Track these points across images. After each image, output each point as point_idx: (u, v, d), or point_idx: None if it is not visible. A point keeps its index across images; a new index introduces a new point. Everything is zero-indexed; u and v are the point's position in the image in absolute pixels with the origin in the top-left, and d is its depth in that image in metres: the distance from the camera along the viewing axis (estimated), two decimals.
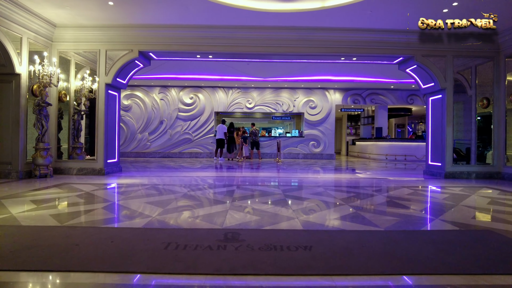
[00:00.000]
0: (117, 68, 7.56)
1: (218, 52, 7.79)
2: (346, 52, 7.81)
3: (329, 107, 15.25)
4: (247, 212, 3.80)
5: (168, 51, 7.69)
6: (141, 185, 5.85)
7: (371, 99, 15.57)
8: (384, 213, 3.89)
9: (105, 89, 7.59)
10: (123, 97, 15.01)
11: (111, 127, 7.90)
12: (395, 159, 14.49)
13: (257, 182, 6.60)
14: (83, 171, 7.56)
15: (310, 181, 6.92)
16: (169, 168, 9.52)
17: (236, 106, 15.22)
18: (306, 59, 8.45)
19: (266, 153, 15.19)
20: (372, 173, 8.63)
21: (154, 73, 13.27)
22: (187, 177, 7.31)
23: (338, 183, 6.73)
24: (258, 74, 13.30)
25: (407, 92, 15.64)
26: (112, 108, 7.95)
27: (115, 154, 8.18)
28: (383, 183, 6.67)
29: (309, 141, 15.24)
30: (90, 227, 3.07)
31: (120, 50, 7.59)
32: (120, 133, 14.93)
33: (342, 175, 8.27)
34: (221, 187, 5.84)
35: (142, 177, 7.22)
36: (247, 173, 8.24)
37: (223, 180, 6.89)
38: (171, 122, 15.08)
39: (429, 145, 8.42)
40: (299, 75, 13.61)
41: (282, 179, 7.09)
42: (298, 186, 6.13)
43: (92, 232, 2.90)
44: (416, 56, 7.73)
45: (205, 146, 15.10)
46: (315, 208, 4.11)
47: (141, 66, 8.23)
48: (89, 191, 5.11)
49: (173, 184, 6.07)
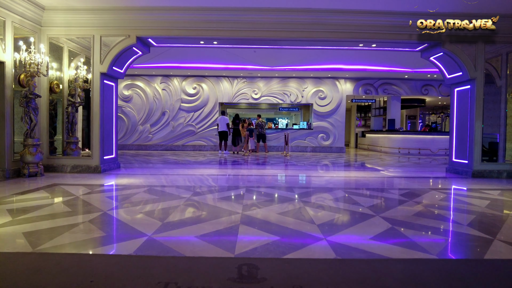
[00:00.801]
0: (113, 55, 6.87)
1: (224, 38, 7.06)
2: (365, 37, 7.06)
3: (340, 97, 14.49)
4: (262, 227, 3.17)
5: (169, 36, 6.97)
6: (139, 187, 5.23)
7: (384, 89, 14.78)
8: (426, 229, 3.25)
9: (100, 79, 6.92)
10: (123, 87, 14.33)
11: (108, 120, 7.26)
12: (409, 153, 13.79)
13: (266, 182, 5.97)
14: (77, 169, 6.96)
15: (326, 181, 6.27)
16: (171, 163, 8.90)
17: (241, 97, 14.51)
18: (320, 45, 7.70)
19: (272, 146, 14.53)
20: (390, 170, 7.96)
21: (155, 62, 12.55)
22: (190, 175, 6.68)
23: (357, 183, 6.07)
24: (265, 62, 12.55)
25: (422, 82, 14.82)
26: (109, 99, 7.29)
27: (113, 150, 7.55)
28: (407, 184, 6.01)
29: (318, 133, 14.55)
30: (68, 255, 2.45)
31: (116, 35, 6.89)
32: (121, 125, 14.36)
33: (359, 173, 7.61)
34: (228, 189, 5.21)
35: (141, 175, 6.61)
36: (255, 171, 7.60)
37: (229, 180, 6.26)
38: (173, 114, 14.42)
39: (453, 140, 7.71)
40: (308, 63, 12.85)
41: (294, 179, 6.45)
42: (315, 188, 5.49)
43: (68, 264, 2.27)
44: (443, 42, 6.96)
45: (209, 139, 14.46)
46: (342, 221, 3.47)
47: (139, 54, 7.53)
48: (80, 196, 4.50)
49: (175, 186, 5.44)
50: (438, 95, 15.00)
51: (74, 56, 7.80)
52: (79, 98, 7.72)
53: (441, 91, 14.91)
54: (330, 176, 6.89)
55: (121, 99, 14.36)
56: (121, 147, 14.38)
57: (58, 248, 2.56)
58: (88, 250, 2.58)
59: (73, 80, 7.59)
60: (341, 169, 8.32)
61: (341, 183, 6.05)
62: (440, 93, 14.94)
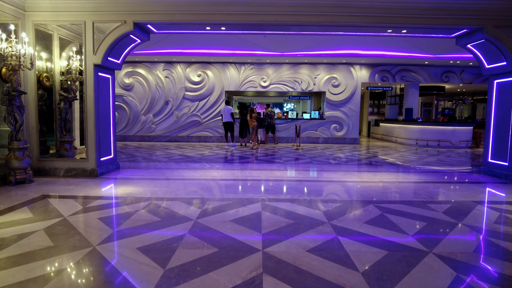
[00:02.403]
0: (107, 44, 6.04)
1: (233, 23, 6.18)
2: (395, 22, 6.13)
3: (354, 85, 13.55)
4: (295, 282, 2.46)
5: (171, 22, 6.11)
6: (138, 201, 4.52)
7: (401, 76, 13.78)
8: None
9: (94, 72, 6.12)
10: (123, 75, 13.50)
11: (104, 117, 6.51)
12: (427, 145, 12.94)
13: (283, 191, 5.23)
14: (71, 173, 6.27)
15: (351, 190, 5.53)
16: (175, 161, 8.18)
17: (249, 85, 13.62)
18: (343, 31, 6.78)
19: (282, 137, 13.75)
20: (416, 169, 7.19)
21: (157, 48, 11.67)
22: (196, 181, 5.97)
23: (387, 192, 5.32)
24: (274, 47, 11.61)
25: (442, 69, 13.79)
26: (104, 94, 6.51)
27: (111, 150, 6.83)
28: (444, 193, 5.24)
29: (330, 123, 13.69)
30: None
31: (110, 21, 6.04)
32: (122, 115, 13.61)
33: (383, 176, 6.85)
34: (240, 204, 4.48)
35: (141, 180, 5.90)
36: (267, 172, 6.86)
37: (239, 188, 5.53)
38: (177, 103, 13.61)
39: (490, 138, 6.88)
40: (321, 48, 11.88)
41: (315, 187, 5.71)
42: (342, 203, 4.75)
43: None
44: (486, 27, 6.02)
45: (215, 129, 13.69)
46: (391, 267, 2.74)
47: (138, 42, 6.69)
48: (68, 217, 3.81)
49: (179, 198, 4.73)
50: (459, 82, 13.98)
51: (66, 44, 6.99)
52: (73, 92, 6.97)
53: (463, 78, 13.88)
54: (354, 182, 6.14)
55: (122, 87, 13.56)
56: (123, 138, 13.70)
57: None
58: None
59: (66, 71, 6.82)
60: (362, 169, 7.55)
61: (369, 192, 5.29)
62: (461, 80, 13.92)
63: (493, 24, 6.01)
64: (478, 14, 6.01)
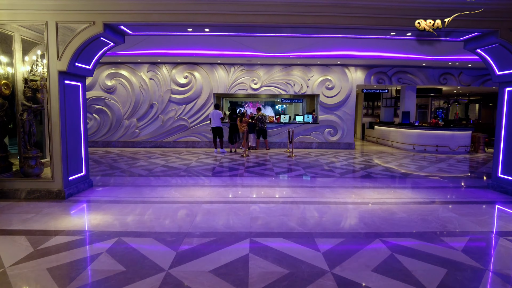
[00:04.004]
0: (74, 48, 5.27)
1: (218, 24, 5.46)
2: (399, 24, 5.48)
3: (349, 87, 12.93)
4: None
5: (147, 23, 5.36)
6: (103, 237, 3.81)
7: (398, 78, 13.22)
8: None
9: (59, 80, 5.35)
10: (105, 77, 12.65)
11: (73, 130, 5.74)
12: (425, 150, 12.43)
13: (275, 219, 4.57)
14: (35, 195, 5.50)
15: (352, 215, 4.89)
16: (156, 175, 7.45)
17: (239, 87, 12.89)
18: (342, 34, 6.12)
19: (274, 142, 13.08)
20: (419, 183, 6.60)
21: (141, 48, 10.88)
22: (176, 204, 5.26)
23: (393, 219, 4.69)
24: (265, 48, 10.92)
25: (440, 71, 13.27)
26: (73, 104, 5.74)
27: (82, 167, 6.07)
28: (458, 220, 4.64)
29: (324, 128, 13.07)
30: None
31: (77, 22, 5.26)
32: (105, 119, 12.78)
33: (385, 194, 6.24)
34: (224, 243, 3.80)
35: (113, 205, 5.16)
36: (257, 190, 6.19)
37: (224, 219, 4.85)
38: (163, 106, 12.82)
39: (500, 151, 6.31)
40: (315, 49, 11.24)
41: (310, 210, 5.06)
42: (343, 236, 4.10)
43: None
44: (500, 30, 5.42)
45: (203, 134, 12.95)
46: None
47: (111, 45, 5.92)
48: (8, 268, 3.07)
49: (152, 234, 4.03)
50: (457, 84, 13.48)
51: (31, 47, 6.18)
52: (39, 101, 6.17)
53: (461, 80, 13.38)
54: (354, 203, 5.50)
55: (103, 90, 12.72)
56: (106, 144, 12.88)
57: None
58: None
59: (29, 78, 6.02)
60: (362, 185, 6.92)
61: (373, 219, 4.66)
62: (460, 83, 13.42)
63: (508, 27, 5.42)
64: (492, 16, 5.41)
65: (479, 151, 12.76)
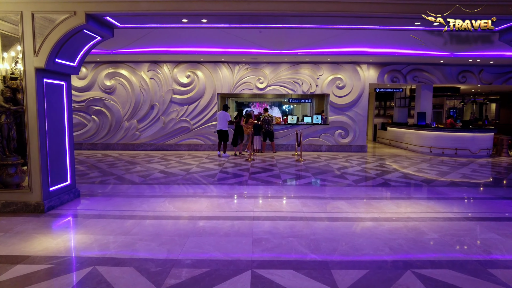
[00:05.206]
0: (53, 42, 4.63)
1: (216, 13, 4.77)
2: (428, 11, 4.73)
3: (361, 86, 12.14)
4: None
5: (135, 12, 4.69)
6: (74, 269, 3.15)
7: (413, 76, 12.38)
8: None
9: (37, 78, 4.72)
10: (104, 76, 12.08)
11: (55, 134, 5.11)
12: (443, 153, 11.58)
13: (283, 243, 3.86)
14: (10, 208, 4.88)
15: (374, 235, 4.16)
16: (151, 183, 6.80)
17: (244, 86, 12.20)
18: (357, 25, 5.38)
19: (281, 145, 12.35)
20: (444, 193, 5.83)
21: (140, 46, 10.26)
22: (167, 220, 4.58)
23: (422, 241, 3.95)
24: (272, 45, 10.20)
25: (459, 68, 12.38)
26: (55, 105, 5.11)
27: (67, 175, 5.44)
28: (503, 242, 3.87)
29: (335, 129, 12.29)
30: None
31: (56, 12, 4.62)
32: (104, 121, 12.20)
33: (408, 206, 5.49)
34: (220, 277, 3.11)
35: (97, 220, 4.50)
36: (262, 202, 5.49)
37: (222, 242, 4.15)
38: (164, 107, 12.20)
39: None
40: (325, 46, 10.47)
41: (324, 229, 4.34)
42: (366, 267, 3.38)
43: None
44: None
45: (206, 136, 12.29)
46: None
47: (98, 39, 5.27)
48: None
49: (134, 260, 3.36)
50: (477, 82, 12.58)
51: (11, 42, 5.55)
52: (19, 103, 5.56)
53: (481, 78, 12.48)
54: (374, 219, 4.76)
55: (102, 90, 12.15)
56: (105, 147, 12.30)
57: None
58: None
59: (8, 77, 5.40)
60: (380, 195, 6.18)
61: (399, 241, 3.93)
62: (480, 81, 12.51)
63: None
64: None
65: (502, 154, 11.87)
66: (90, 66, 12.11)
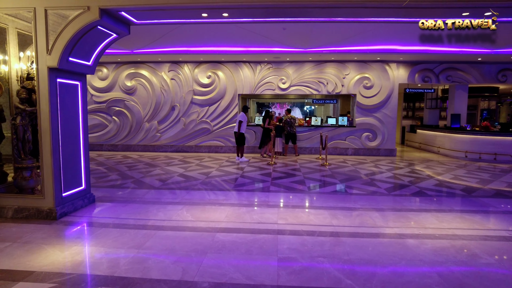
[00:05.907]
0: (66, 40, 4.38)
1: (238, 6, 4.37)
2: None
3: (390, 86, 11.44)
4: None
5: (152, 6, 4.36)
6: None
7: (447, 75, 11.55)
8: None
9: (50, 77, 4.48)
10: (125, 77, 11.98)
11: (69, 137, 4.86)
12: (480, 158, 10.70)
13: (311, 265, 3.39)
14: (23, 213, 4.66)
15: (417, 258, 3.63)
16: (169, 188, 6.48)
17: (266, 87, 11.77)
18: (392, 17, 4.83)
19: (304, 148, 11.83)
20: (493, 206, 5.17)
21: (161, 45, 10.07)
22: (184, 232, 4.21)
23: (479, 269, 3.38)
24: (295, 43, 9.73)
25: (498, 66, 11.45)
26: (70, 106, 4.86)
27: (81, 179, 5.19)
28: None
29: (362, 132, 11.65)
30: None
31: (69, 8, 4.36)
32: (125, 122, 12.10)
33: (452, 221, 4.90)
34: None
35: (109, 231, 4.20)
36: (286, 212, 5.04)
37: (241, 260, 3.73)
38: (184, 108, 11.96)
39: None
40: (351, 44, 9.89)
41: (358, 248, 3.84)
42: None
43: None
44: None
45: (226, 138, 11.95)
46: None
47: (114, 36, 4.99)
48: None
49: (146, 281, 2.99)
50: None
51: (28, 41, 5.39)
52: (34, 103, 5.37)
53: None
54: (415, 237, 4.21)
55: (123, 91, 12.06)
56: (126, 148, 12.21)
57: None
58: None
59: (25, 77, 5.22)
60: (418, 206, 5.59)
61: (450, 268, 3.38)
62: None
63: None
64: None
65: None
66: (111, 66, 12.04)
